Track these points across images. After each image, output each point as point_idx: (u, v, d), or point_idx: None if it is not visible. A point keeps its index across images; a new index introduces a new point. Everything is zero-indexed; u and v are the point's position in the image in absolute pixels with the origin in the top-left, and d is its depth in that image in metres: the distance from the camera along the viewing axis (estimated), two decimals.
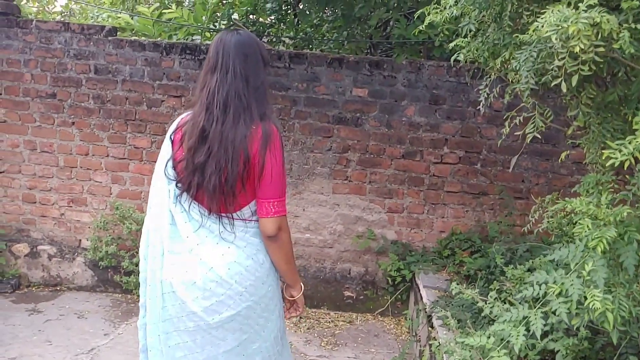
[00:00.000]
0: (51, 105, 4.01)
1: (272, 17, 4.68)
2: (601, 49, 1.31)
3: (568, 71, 1.35)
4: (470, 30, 1.93)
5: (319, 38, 4.83)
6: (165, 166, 1.83)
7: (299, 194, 3.97)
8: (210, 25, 4.72)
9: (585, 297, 1.32)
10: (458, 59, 2.01)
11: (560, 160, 2.04)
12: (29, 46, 3.96)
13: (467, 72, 3.68)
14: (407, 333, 3.74)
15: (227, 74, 1.76)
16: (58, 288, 4.11)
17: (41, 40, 3.95)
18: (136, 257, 3.73)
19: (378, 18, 4.06)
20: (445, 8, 1.91)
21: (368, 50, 4.70)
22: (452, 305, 2.83)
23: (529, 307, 1.52)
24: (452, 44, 2.05)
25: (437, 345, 2.40)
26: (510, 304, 1.99)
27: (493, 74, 1.99)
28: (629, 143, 1.26)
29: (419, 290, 3.43)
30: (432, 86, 3.82)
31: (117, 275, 4.00)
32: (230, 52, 1.77)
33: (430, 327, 2.93)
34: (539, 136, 1.78)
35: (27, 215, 4.15)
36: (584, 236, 1.38)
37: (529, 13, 1.71)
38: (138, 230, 3.76)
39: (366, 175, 3.93)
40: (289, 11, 4.70)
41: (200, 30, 4.72)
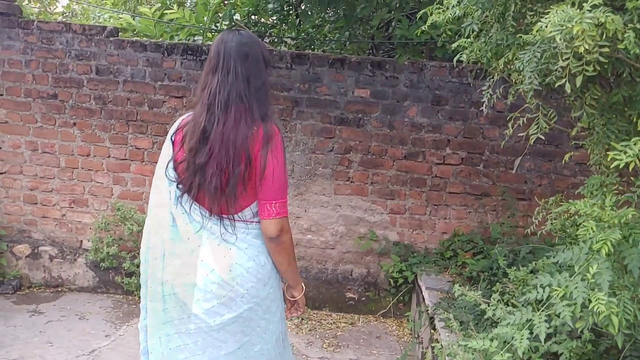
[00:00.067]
0: (52, 106, 4.00)
1: (274, 17, 4.68)
2: (606, 50, 1.30)
3: (572, 72, 1.34)
4: (473, 31, 1.92)
5: (320, 38, 4.82)
6: (166, 167, 1.82)
7: (300, 195, 3.96)
8: (212, 26, 4.72)
9: (590, 300, 1.31)
10: (461, 59, 2.00)
11: (563, 161, 2.02)
12: (30, 47, 3.96)
13: (470, 73, 3.66)
14: (409, 335, 3.72)
15: (229, 75, 1.75)
16: (59, 289, 4.11)
17: (43, 40, 3.95)
18: (137, 259, 3.72)
19: (380, 18, 4.05)
20: (447, 8, 1.91)
21: (370, 51, 4.68)
22: (454, 307, 2.82)
23: (532, 310, 1.50)
24: (454, 45, 2.05)
25: (440, 348, 2.39)
26: (513, 306, 1.98)
27: (496, 74, 1.98)
28: (634, 144, 1.25)
29: (421, 291, 3.42)
30: (434, 87, 3.81)
31: (119, 277, 4.00)
32: (232, 52, 1.77)
33: (432, 329, 2.92)
34: (543, 137, 1.77)
35: (29, 216, 4.14)
36: (588, 238, 1.37)
37: (532, 13, 1.70)
38: (139, 231, 3.75)
39: (368, 176, 3.91)
40: (290, 12, 4.69)
41: (201, 31, 4.72)
